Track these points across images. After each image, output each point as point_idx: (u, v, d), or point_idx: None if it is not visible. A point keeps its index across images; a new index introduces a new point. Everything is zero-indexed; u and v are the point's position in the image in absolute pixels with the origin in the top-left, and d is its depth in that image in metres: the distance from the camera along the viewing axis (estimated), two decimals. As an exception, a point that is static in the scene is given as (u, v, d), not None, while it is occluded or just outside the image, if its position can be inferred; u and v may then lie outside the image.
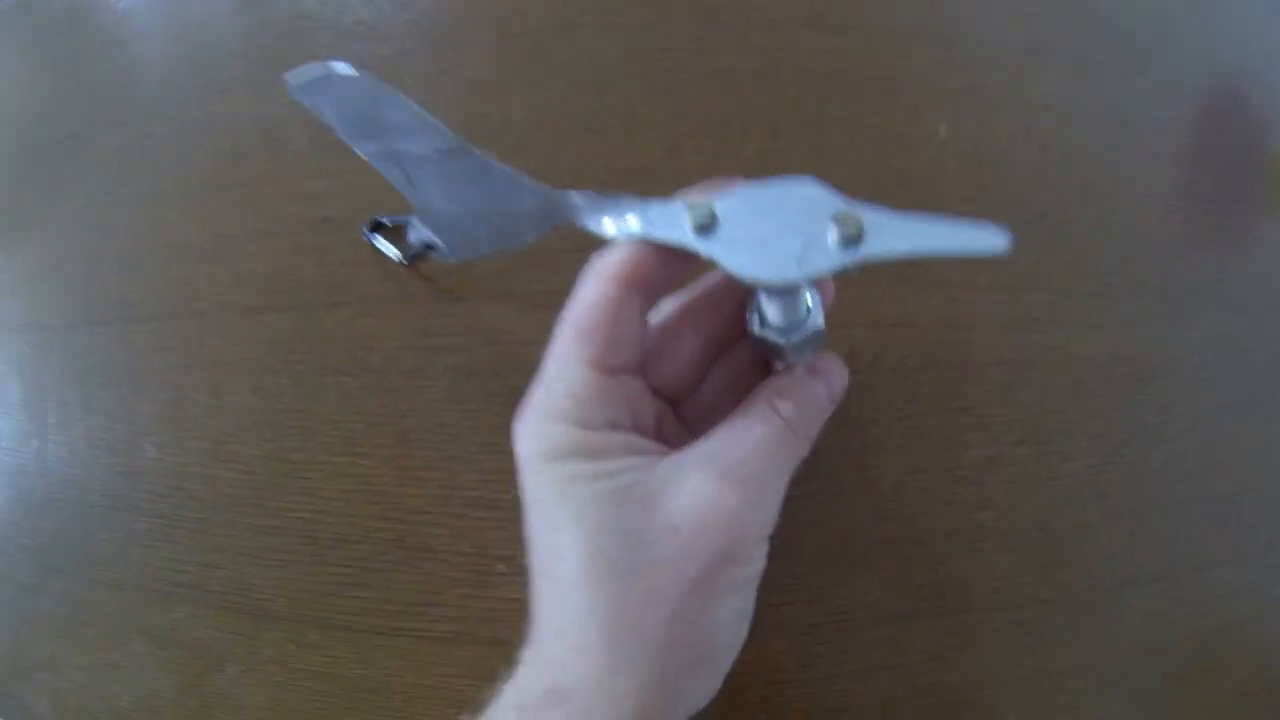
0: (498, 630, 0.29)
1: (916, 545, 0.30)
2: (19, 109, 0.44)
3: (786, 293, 0.22)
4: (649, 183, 0.34)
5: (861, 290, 0.32)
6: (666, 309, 0.24)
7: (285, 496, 0.32)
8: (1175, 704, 0.30)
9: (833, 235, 0.20)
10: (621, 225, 0.22)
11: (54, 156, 0.42)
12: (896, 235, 0.20)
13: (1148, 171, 0.37)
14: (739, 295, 0.24)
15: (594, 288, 0.21)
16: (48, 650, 0.32)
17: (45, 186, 0.42)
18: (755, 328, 0.23)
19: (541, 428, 0.21)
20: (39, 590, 0.33)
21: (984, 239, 0.19)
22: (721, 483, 0.20)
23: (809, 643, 0.29)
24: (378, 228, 0.35)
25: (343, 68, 0.24)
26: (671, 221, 0.21)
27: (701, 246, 0.20)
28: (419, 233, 0.30)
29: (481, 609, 0.30)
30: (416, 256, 0.34)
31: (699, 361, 0.24)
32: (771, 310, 0.22)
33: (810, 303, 0.23)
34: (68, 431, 0.35)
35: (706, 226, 0.20)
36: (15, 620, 0.33)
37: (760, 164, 0.36)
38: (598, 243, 0.23)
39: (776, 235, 0.20)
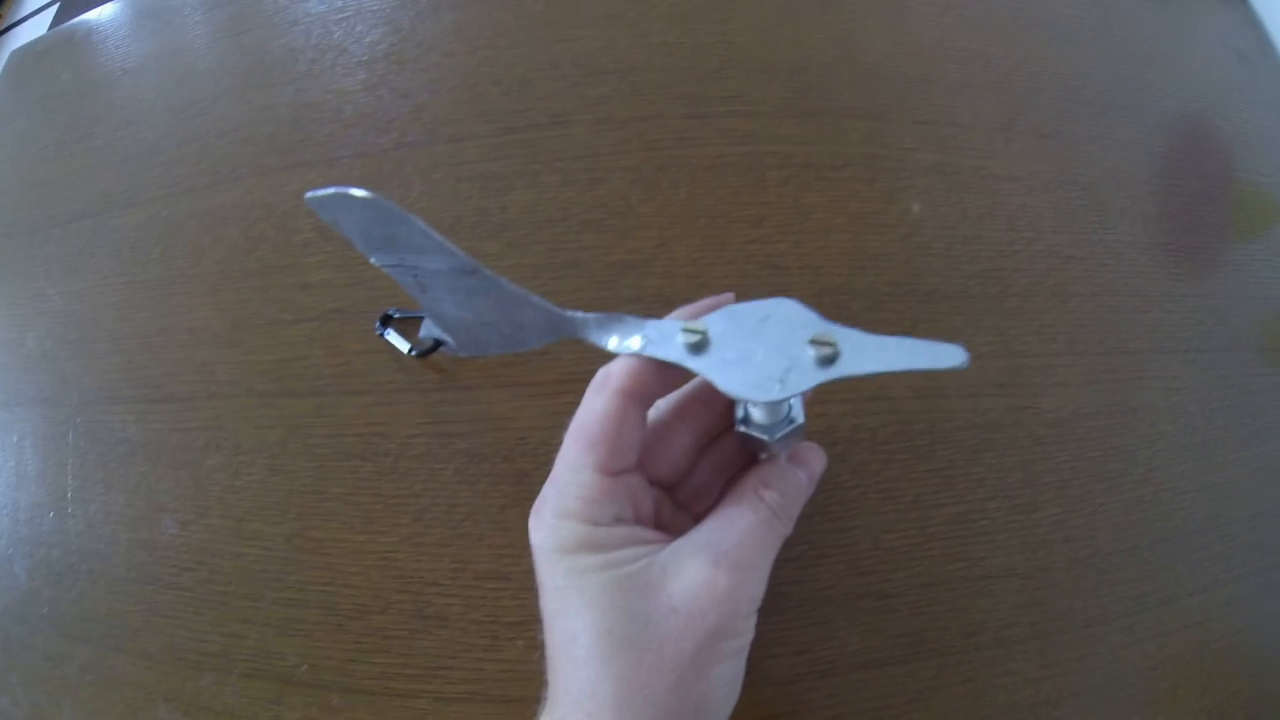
0: (509, 690, 0.32)
1: (894, 597, 0.33)
2: (36, 177, 0.46)
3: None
4: (642, 275, 0.38)
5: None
6: (662, 406, 0.28)
7: (307, 572, 0.35)
8: (1150, 729, 0.32)
9: (811, 356, 0.22)
10: (624, 344, 0.25)
11: (71, 232, 0.44)
12: (868, 356, 0.22)
13: (1109, 231, 0.40)
14: (726, 397, 0.26)
15: (600, 400, 0.25)
16: (69, 716, 0.34)
17: (62, 262, 0.44)
18: (742, 425, 0.26)
19: (555, 524, 0.25)
20: (64, 658, 0.36)
21: (946, 356, 0.21)
22: (715, 568, 0.24)
23: (797, 690, 0.32)
24: (388, 321, 0.37)
25: (359, 193, 0.25)
26: (668, 340, 0.24)
27: (695, 365, 0.24)
28: (430, 329, 0.32)
29: (494, 670, 0.33)
30: (427, 351, 0.36)
31: (690, 453, 0.28)
32: (757, 412, 0.26)
33: (792, 402, 0.26)
34: (86, 505, 0.38)
35: (699, 346, 0.24)
36: (37, 686, 0.35)
37: (745, 253, 0.39)
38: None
39: (762, 356, 0.23)
